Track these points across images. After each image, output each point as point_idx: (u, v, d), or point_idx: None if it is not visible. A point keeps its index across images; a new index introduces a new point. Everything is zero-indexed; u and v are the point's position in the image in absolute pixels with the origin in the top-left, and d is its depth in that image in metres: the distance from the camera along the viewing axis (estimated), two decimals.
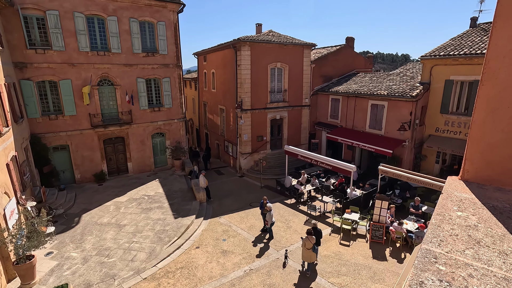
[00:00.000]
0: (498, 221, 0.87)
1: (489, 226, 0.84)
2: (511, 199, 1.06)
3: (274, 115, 21.27)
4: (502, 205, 0.98)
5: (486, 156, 1.19)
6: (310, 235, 9.59)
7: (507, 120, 1.13)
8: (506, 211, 0.94)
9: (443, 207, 0.99)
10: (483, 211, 0.95)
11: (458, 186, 1.17)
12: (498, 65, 1.12)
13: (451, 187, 1.16)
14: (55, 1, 14.84)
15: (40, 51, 15.01)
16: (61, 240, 11.53)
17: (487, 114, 1.16)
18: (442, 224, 0.85)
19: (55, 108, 16.17)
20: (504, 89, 1.12)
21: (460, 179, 1.25)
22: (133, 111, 18.19)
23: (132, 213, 13.89)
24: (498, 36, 1.10)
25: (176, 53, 19.13)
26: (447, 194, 1.10)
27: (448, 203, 1.02)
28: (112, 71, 17.14)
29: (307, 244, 9.46)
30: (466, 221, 0.87)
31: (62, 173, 16.75)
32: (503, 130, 1.15)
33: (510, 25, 1.07)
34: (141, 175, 19.17)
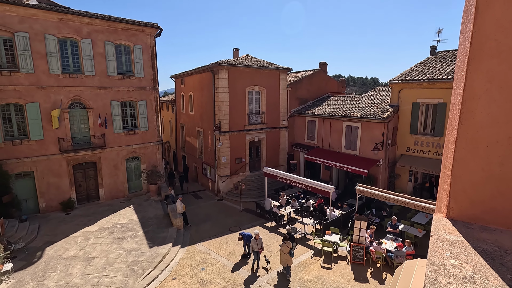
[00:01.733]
0: (493, 269, 0.84)
1: (485, 277, 0.81)
2: (498, 240, 1.05)
3: (253, 137, 21.36)
4: (492, 249, 0.97)
5: (469, 195, 1.19)
6: (287, 240, 10.55)
7: (486, 159, 1.15)
8: (497, 256, 0.93)
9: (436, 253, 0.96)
10: (475, 257, 0.92)
11: (445, 226, 1.16)
12: (475, 106, 1.16)
13: (439, 228, 1.14)
14: (25, 23, 14.39)
15: (6, 73, 14.27)
16: (20, 279, 10.38)
17: (467, 153, 1.18)
18: (438, 277, 0.81)
19: (19, 132, 15.19)
20: (481, 128, 1.15)
21: (445, 217, 1.24)
22: (106, 135, 17.50)
23: (103, 243, 12.94)
24: (472, 78, 1.15)
25: (153, 76, 18.98)
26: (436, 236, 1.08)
27: (440, 249, 1.00)
28: (85, 94, 16.57)
29: (285, 249, 10.41)
30: (461, 272, 0.84)
31: (24, 202, 15.46)
32: (483, 168, 1.16)
33: (483, 67, 1.12)
34: (113, 201, 18.14)
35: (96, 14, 16.30)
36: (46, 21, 14.97)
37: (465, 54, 1.21)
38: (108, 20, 16.69)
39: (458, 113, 1.21)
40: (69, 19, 15.54)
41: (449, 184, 1.21)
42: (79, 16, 15.79)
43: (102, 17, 16.45)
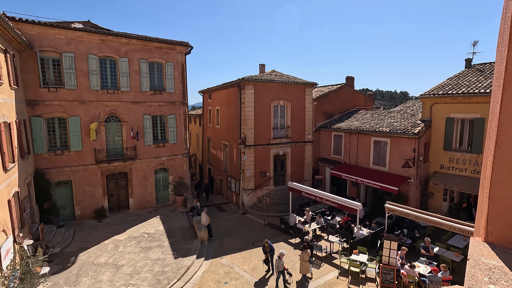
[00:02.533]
0: None
1: None
2: None
3: (277, 151, 21.36)
4: None
5: (509, 219, 1.16)
6: (306, 249, 11.09)
7: None
8: None
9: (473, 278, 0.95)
10: None
11: (484, 250, 1.13)
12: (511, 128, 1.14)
13: (477, 252, 1.12)
14: (72, 44, 15.83)
15: (53, 89, 15.66)
16: (55, 282, 10.97)
17: (506, 176, 1.16)
18: None
19: (61, 143, 16.41)
20: None
21: (484, 241, 1.21)
22: (137, 147, 18.39)
23: (131, 252, 13.37)
24: (508, 101, 1.14)
25: (183, 91, 19.85)
26: (474, 261, 1.06)
27: (478, 273, 0.98)
28: (120, 108, 17.67)
29: (305, 257, 10.92)
30: None
31: (62, 209, 16.49)
32: None
33: None
34: (142, 211, 18.80)
35: (133, 35, 17.55)
36: (90, 42, 16.36)
37: (500, 76, 1.21)
38: (144, 40, 17.88)
39: (494, 134, 1.20)
40: (109, 40, 16.87)
41: (487, 207, 1.18)
42: (118, 37, 17.09)
43: (138, 37, 17.67)
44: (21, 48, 14.02)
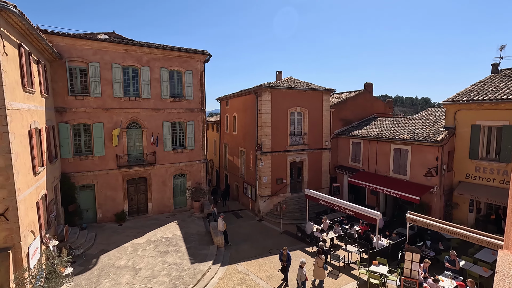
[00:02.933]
0: None
1: None
2: None
3: (294, 158, 21.23)
4: None
5: None
6: (320, 254, 11.14)
7: None
8: None
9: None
10: None
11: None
12: None
13: (505, 265, 1.09)
14: (98, 54, 16.62)
15: (79, 97, 16.45)
16: (78, 283, 11.35)
17: None
18: None
19: (86, 149, 17.13)
20: None
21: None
22: (157, 153, 18.88)
23: (149, 256, 13.63)
24: None
25: (201, 98, 20.27)
26: (502, 274, 1.03)
27: (506, 286, 0.95)
28: (141, 115, 18.27)
29: (319, 263, 10.95)
30: None
31: (85, 212, 17.12)
32: None
33: None
34: (160, 216, 19.17)
35: (154, 44, 18.20)
36: (114, 52, 17.12)
37: None
38: (164, 49, 18.49)
39: None
40: (132, 49, 17.58)
41: None
42: (140, 47, 17.79)
43: (159, 46, 18.30)
44: (52, 58, 14.89)
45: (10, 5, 8.22)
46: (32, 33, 10.57)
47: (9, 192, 8.72)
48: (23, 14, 9.07)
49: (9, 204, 8.75)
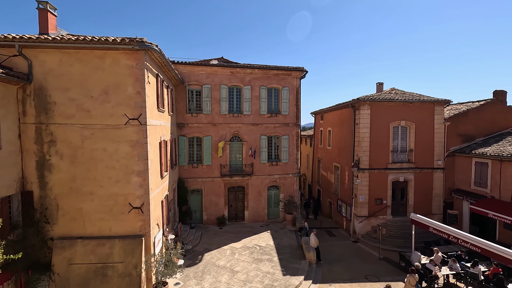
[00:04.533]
0: None
1: None
2: None
3: (397, 177, 19.10)
4: None
5: None
6: (413, 273, 10.66)
7: None
8: None
9: None
10: None
11: None
12: None
13: None
14: (210, 78, 19.39)
15: (194, 114, 19.44)
16: (187, 274, 13.14)
17: None
18: None
19: (197, 158, 19.95)
20: None
21: None
22: (254, 164, 20.27)
23: (245, 261, 14.57)
24: None
25: (296, 113, 20.83)
26: None
27: None
28: (242, 129, 20.10)
29: (411, 281, 10.53)
30: None
31: (194, 213, 19.77)
32: None
33: None
34: (254, 224, 20.30)
35: (255, 65, 19.94)
36: (222, 75, 19.61)
37: None
38: (264, 69, 20.01)
39: None
40: (237, 71, 19.74)
41: None
42: (243, 68, 19.80)
43: (260, 67, 19.93)
44: (176, 83, 18.21)
45: (154, 45, 10.65)
46: (165, 64, 13.29)
47: (145, 191, 11.01)
48: (161, 51, 11.56)
49: (144, 200, 11.02)
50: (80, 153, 10.56)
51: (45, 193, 10.52)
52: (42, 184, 10.49)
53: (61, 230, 10.67)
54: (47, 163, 10.47)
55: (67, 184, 10.59)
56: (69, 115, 10.43)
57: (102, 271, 10.46)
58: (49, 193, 10.54)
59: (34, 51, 10.16)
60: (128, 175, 10.80)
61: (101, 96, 10.52)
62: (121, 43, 10.06)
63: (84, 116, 10.48)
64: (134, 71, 10.61)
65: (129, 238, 10.83)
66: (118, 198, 10.80)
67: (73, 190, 10.62)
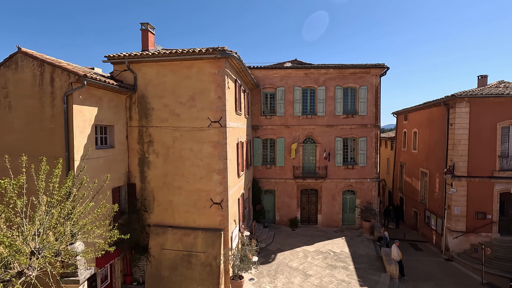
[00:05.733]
0: None
1: None
2: None
3: (507, 187, 15.83)
4: None
5: None
6: None
7: None
8: None
9: None
10: None
11: None
12: None
13: None
14: (283, 80, 19.67)
15: (268, 117, 19.98)
16: (260, 271, 13.56)
17: None
18: None
19: (270, 159, 20.42)
20: None
21: None
22: (328, 167, 19.62)
23: (318, 265, 14.22)
24: None
25: (375, 113, 19.35)
26: None
27: None
28: (315, 131, 19.71)
29: None
30: None
31: (267, 213, 20.27)
32: None
33: None
34: (328, 229, 19.61)
35: (330, 65, 19.33)
36: (296, 77, 19.65)
37: None
38: (339, 68, 19.22)
39: None
40: (311, 72, 19.49)
41: None
42: (318, 69, 19.42)
43: (335, 66, 19.23)
44: (252, 87, 19.04)
45: (233, 53, 11.41)
46: (243, 70, 14.06)
47: (224, 188, 11.84)
48: (240, 57, 12.29)
49: (224, 197, 11.86)
50: (171, 152, 12.05)
51: (145, 186, 12.33)
52: (142, 178, 12.33)
53: (156, 218, 12.34)
54: (146, 160, 12.27)
55: (161, 179, 12.19)
56: (164, 119, 12.01)
57: (187, 258, 11.66)
58: (147, 186, 12.32)
59: (138, 65, 12.07)
60: (210, 173, 11.80)
61: (188, 101, 11.79)
62: (205, 53, 11.11)
63: (175, 120, 11.91)
64: (216, 77, 11.57)
65: (210, 231, 11.80)
66: (201, 193, 11.90)
67: (165, 184, 12.16)
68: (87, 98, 9.76)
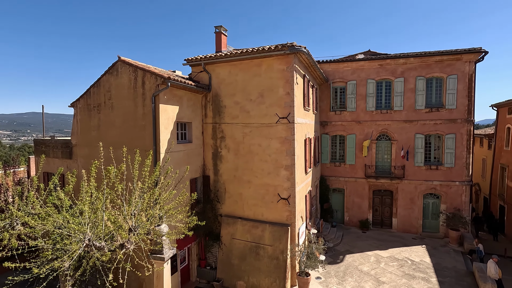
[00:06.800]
0: None
1: None
2: None
3: None
4: None
5: None
6: None
7: None
8: None
9: None
10: None
11: None
12: None
13: None
14: (355, 73, 18.53)
15: (338, 112, 19.13)
16: (328, 271, 13.20)
17: None
18: None
19: (339, 157, 19.55)
20: None
21: None
22: (406, 167, 17.78)
23: (392, 273, 13.09)
24: None
25: (468, 106, 16.67)
26: None
27: None
28: (391, 127, 18.05)
29: None
30: None
31: (335, 212, 19.53)
32: None
33: None
34: (404, 235, 17.83)
35: (410, 54, 17.36)
36: (369, 69, 18.29)
37: None
38: (422, 56, 17.11)
39: None
40: (387, 63, 17.87)
41: None
42: (395, 59, 17.68)
43: (416, 54, 17.20)
44: (321, 82, 18.49)
45: (302, 48, 11.27)
46: (312, 64, 13.76)
47: (291, 184, 11.86)
48: (309, 52, 12.06)
49: (291, 193, 11.89)
50: (241, 148, 12.63)
51: (217, 178, 13.24)
52: (215, 171, 13.26)
53: (227, 209, 13.14)
54: (219, 154, 13.14)
55: (232, 172, 12.90)
56: (235, 116, 12.66)
57: (255, 250, 12.11)
58: (220, 179, 13.19)
59: (213, 66, 12.96)
60: (277, 168, 11.97)
61: (258, 98, 12.15)
62: (274, 50, 11.25)
63: (245, 116, 12.43)
64: (284, 74, 11.62)
65: (277, 225, 12.00)
66: (269, 188, 12.18)
67: (236, 178, 12.83)
68: (170, 98, 10.95)
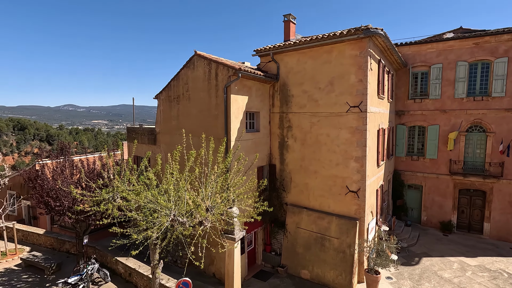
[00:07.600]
0: None
1: None
2: None
3: None
4: None
5: None
6: None
7: None
8: None
9: None
10: None
11: None
12: None
13: None
14: (441, 55, 16.23)
15: (418, 100, 17.14)
16: (400, 272, 12.25)
17: None
18: None
19: (418, 150, 17.61)
20: None
21: None
22: (506, 164, 15.03)
23: (482, 284, 11.41)
24: None
25: None
26: None
27: None
28: (487, 117, 15.39)
29: None
30: None
31: (410, 210, 17.83)
32: None
33: None
34: (499, 243, 15.27)
35: None
36: (460, 49, 15.78)
37: None
38: None
39: None
40: (485, 41, 15.13)
41: None
42: (496, 35, 14.84)
43: None
44: (398, 67, 16.77)
45: (379, 30, 10.37)
46: (389, 48, 12.56)
47: (362, 176, 11.24)
48: (386, 34, 11.03)
49: (360, 186, 11.29)
50: (308, 137, 12.46)
51: (283, 168, 13.39)
52: (282, 160, 13.41)
53: (292, 198, 13.24)
54: (285, 144, 13.23)
55: (298, 162, 12.88)
56: (302, 105, 12.51)
57: (321, 241, 11.97)
58: (286, 168, 13.31)
59: (281, 56, 12.96)
60: (346, 159, 11.47)
61: (327, 87, 11.74)
62: (347, 34, 10.63)
63: (313, 106, 12.17)
64: (357, 59, 10.91)
65: (344, 218, 11.61)
66: (336, 179, 11.79)
67: (302, 168, 12.77)
68: (240, 89, 11.41)
